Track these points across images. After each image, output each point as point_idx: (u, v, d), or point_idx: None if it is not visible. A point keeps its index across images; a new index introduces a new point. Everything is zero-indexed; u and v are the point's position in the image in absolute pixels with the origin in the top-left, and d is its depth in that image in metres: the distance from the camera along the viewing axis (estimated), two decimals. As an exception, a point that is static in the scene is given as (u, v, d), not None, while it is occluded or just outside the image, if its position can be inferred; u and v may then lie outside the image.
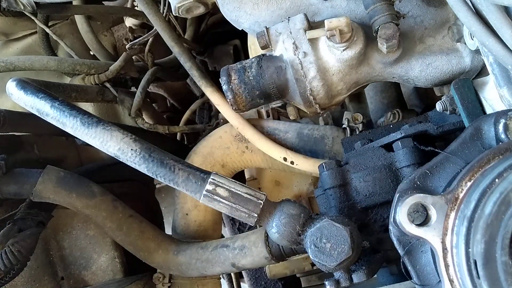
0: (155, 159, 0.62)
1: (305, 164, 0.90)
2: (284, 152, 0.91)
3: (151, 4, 0.91)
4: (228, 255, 0.81)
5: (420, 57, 0.71)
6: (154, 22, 0.91)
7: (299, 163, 0.90)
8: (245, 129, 0.93)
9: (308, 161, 0.90)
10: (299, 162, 0.90)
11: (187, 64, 0.92)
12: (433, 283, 0.53)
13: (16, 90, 0.70)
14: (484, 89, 0.65)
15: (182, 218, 0.97)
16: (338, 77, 0.69)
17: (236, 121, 0.93)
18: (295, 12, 0.73)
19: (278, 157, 0.91)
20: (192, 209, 0.97)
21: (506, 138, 0.50)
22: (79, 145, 1.07)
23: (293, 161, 0.90)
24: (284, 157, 0.91)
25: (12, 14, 1.21)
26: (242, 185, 0.62)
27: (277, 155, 0.92)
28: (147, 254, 0.88)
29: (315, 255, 0.59)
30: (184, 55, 0.92)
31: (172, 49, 0.92)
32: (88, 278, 0.96)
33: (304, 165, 0.90)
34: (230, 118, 0.93)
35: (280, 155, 0.91)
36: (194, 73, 0.92)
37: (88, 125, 0.64)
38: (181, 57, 0.92)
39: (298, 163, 0.90)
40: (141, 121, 1.09)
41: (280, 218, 0.61)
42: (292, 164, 0.90)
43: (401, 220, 0.49)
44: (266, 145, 0.92)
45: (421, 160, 0.64)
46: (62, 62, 1.04)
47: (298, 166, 0.90)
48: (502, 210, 0.42)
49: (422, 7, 0.72)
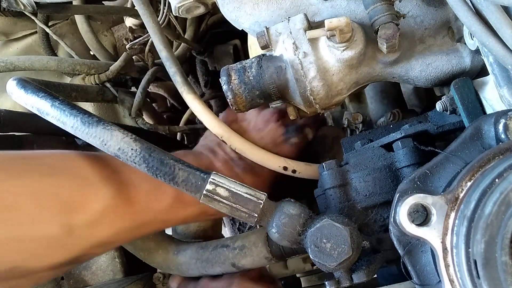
0: (155, 158, 0.62)
1: (308, 171, 0.83)
2: (283, 161, 0.83)
3: (146, 5, 0.91)
4: (228, 255, 0.81)
5: (420, 57, 0.71)
6: (147, 24, 0.90)
7: (302, 171, 0.83)
8: (231, 139, 0.83)
9: (310, 168, 0.83)
10: (302, 170, 0.83)
11: (172, 69, 0.87)
12: (433, 283, 0.53)
13: (16, 89, 0.70)
14: (484, 89, 0.65)
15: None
16: (338, 77, 0.69)
17: (220, 130, 0.83)
18: (295, 12, 0.73)
19: (277, 167, 0.83)
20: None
21: (506, 138, 0.50)
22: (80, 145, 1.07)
23: (295, 170, 0.83)
24: (284, 166, 0.82)
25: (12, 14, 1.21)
26: (242, 185, 0.62)
27: (275, 165, 0.83)
28: (147, 254, 0.88)
29: (315, 255, 0.59)
30: (171, 60, 0.87)
31: (160, 53, 0.88)
32: (88, 278, 0.96)
33: (307, 172, 0.83)
34: (213, 126, 0.83)
35: (279, 164, 0.83)
36: (177, 79, 0.86)
37: (88, 124, 0.64)
38: (167, 62, 0.87)
39: (300, 171, 0.83)
40: (141, 121, 1.09)
41: (280, 218, 0.61)
42: (294, 173, 0.83)
43: (401, 220, 0.49)
44: (260, 155, 0.83)
45: (421, 160, 0.64)
46: (62, 62, 1.04)
47: (301, 175, 0.83)
48: (502, 210, 0.42)
49: (422, 7, 0.72)
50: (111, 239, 0.68)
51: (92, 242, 0.65)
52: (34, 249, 0.59)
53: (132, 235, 0.72)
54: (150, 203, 0.71)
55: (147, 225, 0.72)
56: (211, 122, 0.84)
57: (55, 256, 0.61)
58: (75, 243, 0.63)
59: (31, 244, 0.58)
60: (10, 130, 0.87)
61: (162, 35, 0.90)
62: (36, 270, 0.60)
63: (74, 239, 0.62)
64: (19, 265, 0.58)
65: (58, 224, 0.60)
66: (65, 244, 0.62)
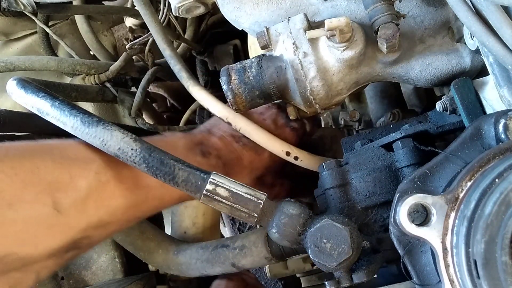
0: (155, 158, 0.62)
1: (310, 161, 0.83)
2: (286, 145, 0.83)
3: (147, 5, 0.91)
4: (228, 255, 0.81)
5: (420, 57, 0.71)
6: (149, 24, 0.90)
7: (304, 159, 0.83)
8: (236, 119, 0.83)
9: (313, 158, 0.83)
10: (304, 158, 0.83)
11: (177, 66, 0.89)
12: (433, 283, 0.53)
13: (16, 89, 0.70)
14: (484, 89, 0.65)
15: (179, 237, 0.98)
16: (338, 77, 0.69)
17: (225, 112, 0.83)
18: (295, 12, 0.73)
19: (280, 151, 0.82)
20: (191, 227, 0.97)
21: (506, 138, 0.50)
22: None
23: (297, 157, 0.82)
24: (287, 151, 0.82)
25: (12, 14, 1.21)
26: (242, 185, 0.62)
27: (278, 149, 0.82)
28: (147, 254, 0.88)
29: (315, 255, 0.59)
30: (175, 58, 0.89)
31: (163, 51, 0.90)
32: (88, 278, 0.96)
33: (309, 162, 0.83)
34: (218, 110, 0.84)
35: (282, 148, 0.82)
36: (183, 75, 0.88)
37: (88, 124, 0.64)
38: (171, 60, 0.89)
39: (302, 159, 0.83)
40: (141, 121, 1.09)
41: (280, 218, 0.61)
42: (296, 160, 0.83)
43: (401, 220, 0.49)
44: (265, 137, 0.83)
45: (421, 160, 0.64)
46: (62, 62, 1.04)
47: (302, 163, 0.83)
48: (502, 210, 0.42)
49: (422, 7, 0.72)
50: (106, 219, 0.65)
51: (85, 223, 0.62)
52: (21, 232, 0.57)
53: (129, 215, 0.70)
54: (141, 179, 0.69)
55: (141, 202, 0.70)
56: (216, 106, 0.84)
57: (48, 239, 0.59)
58: (66, 224, 0.61)
59: (18, 226, 0.56)
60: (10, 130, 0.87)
61: (164, 34, 0.91)
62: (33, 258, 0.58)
63: (64, 219, 0.60)
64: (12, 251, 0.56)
65: (43, 204, 0.58)
66: (56, 225, 0.60)
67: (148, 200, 0.72)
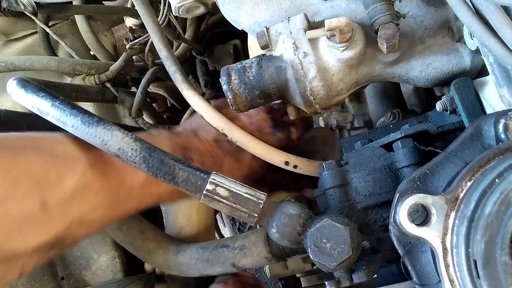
0: (155, 158, 0.62)
1: (310, 167, 0.83)
2: (284, 155, 0.82)
3: (146, 5, 0.91)
4: (228, 255, 0.81)
5: (420, 57, 0.71)
6: (147, 24, 0.90)
7: (303, 166, 0.83)
8: (232, 131, 0.82)
9: (312, 164, 0.83)
10: (303, 165, 0.83)
11: (172, 68, 0.87)
12: (433, 283, 0.53)
13: (16, 89, 0.70)
14: (484, 89, 0.65)
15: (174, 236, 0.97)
16: (338, 77, 0.69)
17: (220, 123, 0.82)
18: (295, 12, 0.73)
19: (279, 161, 0.82)
20: (185, 226, 0.96)
21: (506, 138, 0.50)
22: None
23: (297, 165, 0.82)
24: (285, 161, 0.82)
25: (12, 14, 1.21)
26: (242, 185, 0.62)
27: (277, 160, 0.82)
28: (147, 254, 0.88)
29: (315, 255, 0.59)
30: (171, 59, 0.88)
31: (160, 52, 0.89)
32: (88, 278, 0.96)
33: (308, 168, 0.83)
34: (213, 120, 0.82)
35: (281, 159, 0.82)
36: (177, 77, 0.87)
37: (88, 124, 0.64)
38: (166, 61, 0.88)
39: (302, 166, 0.83)
40: (141, 121, 1.09)
41: (280, 218, 0.61)
42: (295, 169, 0.82)
43: (401, 220, 0.49)
44: (262, 149, 0.82)
45: (421, 160, 0.64)
46: (62, 62, 1.04)
47: (302, 170, 0.83)
48: (502, 210, 0.42)
49: (422, 7, 0.72)
50: (89, 217, 0.66)
51: (69, 220, 0.63)
52: (10, 228, 0.58)
53: (110, 213, 0.71)
54: (124, 179, 0.70)
55: (123, 201, 0.72)
56: (211, 115, 0.83)
57: (34, 235, 0.60)
58: (52, 221, 0.62)
59: (6, 222, 0.57)
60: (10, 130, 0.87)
61: (162, 35, 0.90)
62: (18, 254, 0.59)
63: (50, 217, 0.61)
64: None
65: (32, 201, 0.59)
66: (42, 222, 0.61)
67: (129, 199, 0.73)
